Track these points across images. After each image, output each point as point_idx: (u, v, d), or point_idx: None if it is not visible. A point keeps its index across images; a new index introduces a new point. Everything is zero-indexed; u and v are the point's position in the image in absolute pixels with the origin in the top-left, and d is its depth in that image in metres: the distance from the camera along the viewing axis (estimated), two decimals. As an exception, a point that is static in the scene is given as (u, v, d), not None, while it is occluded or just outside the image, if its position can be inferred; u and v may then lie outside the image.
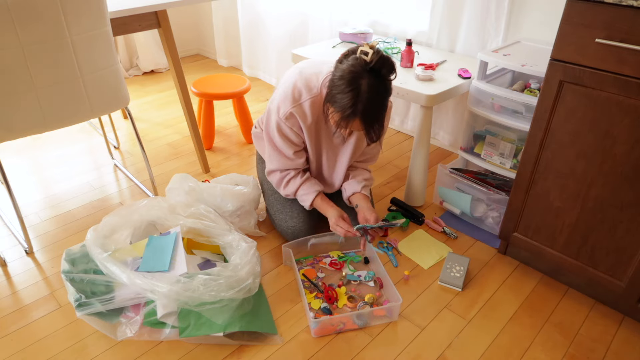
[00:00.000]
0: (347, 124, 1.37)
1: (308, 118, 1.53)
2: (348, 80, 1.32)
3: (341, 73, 1.34)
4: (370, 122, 1.36)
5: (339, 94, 1.34)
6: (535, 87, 1.77)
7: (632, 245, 1.36)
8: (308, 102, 1.51)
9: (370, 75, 1.32)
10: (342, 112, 1.35)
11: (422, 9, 2.41)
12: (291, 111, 1.52)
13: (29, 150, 2.48)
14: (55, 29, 1.48)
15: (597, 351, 1.42)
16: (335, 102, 1.36)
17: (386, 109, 1.40)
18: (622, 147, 1.28)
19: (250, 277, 1.46)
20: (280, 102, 1.54)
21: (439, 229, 1.91)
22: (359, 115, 1.34)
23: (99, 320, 1.43)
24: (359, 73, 1.32)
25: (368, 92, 1.31)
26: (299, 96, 1.51)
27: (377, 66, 1.32)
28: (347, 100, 1.32)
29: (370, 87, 1.31)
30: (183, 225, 1.63)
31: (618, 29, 1.18)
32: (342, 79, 1.34)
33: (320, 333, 1.45)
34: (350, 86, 1.32)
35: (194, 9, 3.87)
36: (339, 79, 1.35)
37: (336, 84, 1.35)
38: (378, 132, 1.41)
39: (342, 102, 1.34)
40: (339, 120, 1.37)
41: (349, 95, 1.32)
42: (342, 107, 1.34)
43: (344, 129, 1.40)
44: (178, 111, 2.95)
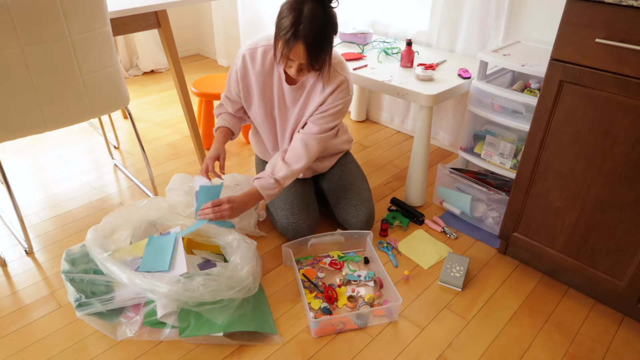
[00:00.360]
0: (290, 49, 1.39)
1: (257, 63, 1.59)
2: (290, 4, 1.38)
3: (286, 1, 1.40)
4: (313, 47, 1.38)
5: (281, 20, 1.40)
6: (535, 87, 1.77)
7: (632, 245, 1.36)
8: (262, 49, 1.59)
9: (313, 1, 1.37)
10: (285, 35, 1.38)
11: (422, 9, 2.41)
12: (244, 53, 1.61)
13: (29, 150, 2.48)
14: (55, 29, 1.48)
15: (597, 351, 1.42)
16: (279, 29, 1.41)
17: (329, 39, 1.43)
18: (622, 147, 1.28)
19: (250, 277, 1.46)
20: (243, 47, 1.63)
21: (439, 229, 1.91)
22: (300, 38, 1.37)
23: (99, 320, 1.43)
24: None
25: (309, 16, 1.36)
26: (256, 43, 1.61)
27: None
28: (289, 22, 1.37)
29: (311, 10, 1.36)
30: (183, 226, 1.63)
31: (618, 29, 1.18)
32: (286, 4, 1.40)
33: (320, 333, 1.45)
34: (292, 11, 1.37)
35: (194, 9, 3.87)
36: (283, 5, 1.40)
37: (281, 11, 1.41)
38: (321, 63, 1.44)
39: (284, 25, 1.38)
40: (282, 47, 1.41)
41: (291, 17, 1.36)
42: (285, 30, 1.38)
43: (287, 59, 1.43)
44: (178, 111, 2.95)
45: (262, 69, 1.60)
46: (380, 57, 2.20)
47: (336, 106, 1.58)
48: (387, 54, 2.23)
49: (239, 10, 3.30)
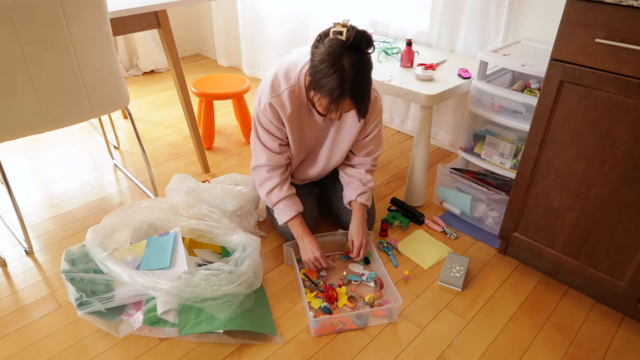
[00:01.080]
0: (338, 105, 1.36)
1: (287, 108, 1.52)
2: (329, 62, 1.31)
3: (320, 57, 1.33)
4: (360, 98, 1.36)
5: (323, 78, 1.33)
6: (535, 87, 1.77)
7: (632, 245, 1.36)
8: (287, 92, 1.50)
9: (350, 52, 1.31)
10: (331, 94, 1.34)
11: (422, 9, 2.41)
12: (270, 102, 1.51)
13: (29, 150, 2.48)
14: (55, 29, 1.48)
15: (597, 351, 1.42)
16: (322, 87, 1.35)
17: (371, 82, 1.40)
18: (622, 147, 1.28)
19: (251, 271, 1.46)
20: (261, 94, 1.54)
21: (439, 229, 1.90)
22: (348, 95, 1.34)
23: (99, 319, 1.43)
24: (338, 53, 1.31)
25: (352, 70, 1.31)
26: (278, 87, 1.51)
27: (355, 42, 1.31)
28: (334, 82, 1.32)
29: (353, 64, 1.31)
30: (186, 227, 1.64)
31: (618, 29, 1.18)
32: (323, 63, 1.32)
33: (320, 332, 1.45)
34: (333, 67, 1.31)
35: (194, 9, 3.87)
36: (319, 62, 1.34)
37: (318, 69, 1.34)
38: (367, 106, 1.41)
39: (328, 85, 1.33)
40: (329, 104, 1.37)
41: (334, 76, 1.31)
42: (330, 90, 1.33)
43: (335, 112, 1.40)
44: (178, 111, 2.95)
45: (293, 109, 1.53)
46: (380, 57, 2.20)
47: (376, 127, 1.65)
48: (387, 54, 2.22)
49: (239, 10, 3.30)
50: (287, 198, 1.64)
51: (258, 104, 1.55)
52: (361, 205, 1.68)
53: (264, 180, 1.64)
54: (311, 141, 1.67)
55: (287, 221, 1.64)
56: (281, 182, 1.63)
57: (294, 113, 1.54)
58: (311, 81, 1.39)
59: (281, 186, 1.63)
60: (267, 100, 1.51)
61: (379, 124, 1.66)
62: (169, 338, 1.43)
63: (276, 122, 1.54)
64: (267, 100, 1.51)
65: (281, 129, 1.57)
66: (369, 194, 1.71)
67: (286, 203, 1.64)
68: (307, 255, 1.60)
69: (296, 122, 1.57)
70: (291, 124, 1.56)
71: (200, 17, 3.87)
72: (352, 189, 1.70)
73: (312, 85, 1.40)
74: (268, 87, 1.51)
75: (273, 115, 1.53)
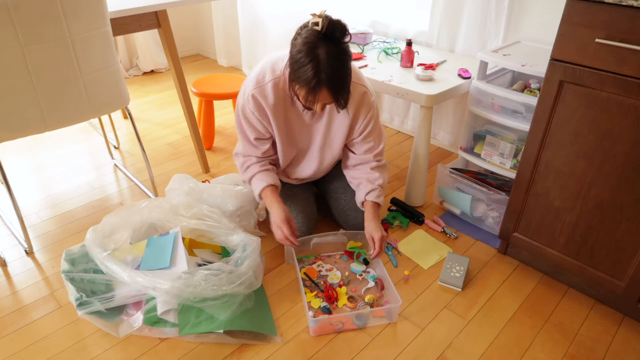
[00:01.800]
0: (315, 96, 1.36)
1: (270, 99, 1.52)
2: (305, 52, 1.32)
3: (298, 48, 1.34)
4: (337, 88, 1.36)
5: (300, 69, 1.34)
6: (535, 87, 1.77)
7: (632, 245, 1.36)
8: (271, 84, 1.51)
9: (325, 42, 1.31)
10: (308, 84, 1.34)
11: (422, 9, 2.41)
12: (252, 93, 1.52)
13: (29, 150, 2.48)
14: (55, 29, 1.48)
15: (597, 351, 1.42)
16: (299, 78, 1.35)
17: (350, 72, 1.39)
18: (622, 147, 1.28)
19: (251, 271, 1.46)
20: (246, 86, 1.55)
21: (439, 229, 1.91)
22: (324, 84, 1.33)
23: (99, 319, 1.44)
24: (313, 43, 1.31)
25: (327, 59, 1.31)
26: (262, 78, 1.52)
27: (329, 32, 1.31)
28: (310, 71, 1.32)
29: (328, 53, 1.31)
30: (186, 227, 1.64)
31: (618, 29, 1.18)
32: (299, 53, 1.34)
33: (319, 332, 1.45)
34: (308, 57, 1.31)
35: (194, 9, 3.87)
36: (297, 53, 1.35)
37: (296, 59, 1.35)
38: (346, 97, 1.39)
39: (305, 75, 1.33)
40: (307, 94, 1.36)
41: (310, 66, 1.31)
42: (307, 80, 1.33)
43: (313, 103, 1.39)
44: (178, 111, 2.95)
45: (277, 101, 1.54)
46: (380, 57, 2.20)
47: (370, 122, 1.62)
48: (387, 54, 2.23)
49: (239, 10, 3.30)
50: (262, 172, 1.65)
51: (242, 95, 1.57)
52: (372, 203, 1.65)
53: (242, 164, 1.69)
54: (301, 138, 1.67)
55: (261, 192, 1.64)
56: (258, 161, 1.66)
57: (278, 105, 1.55)
58: (290, 72, 1.40)
59: (257, 163, 1.66)
60: (250, 91, 1.53)
61: (372, 118, 1.62)
62: (169, 338, 1.43)
63: (258, 114, 1.56)
64: (250, 91, 1.53)
65: (262, 122, 1.58)
66: (378, 191, 1.67)
67: (259, 176, 1.65)
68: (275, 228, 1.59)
69: (281, 115, 1.58)
70: (276, 116, 1.56)
71: (200, 17, 3.87)
72: (361, 190, 1.68)
73: (291, 77, 1.41)
74: (254, 79, 1.53)
75: (255, 107, 1.54)
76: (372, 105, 1.61)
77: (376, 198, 1.65)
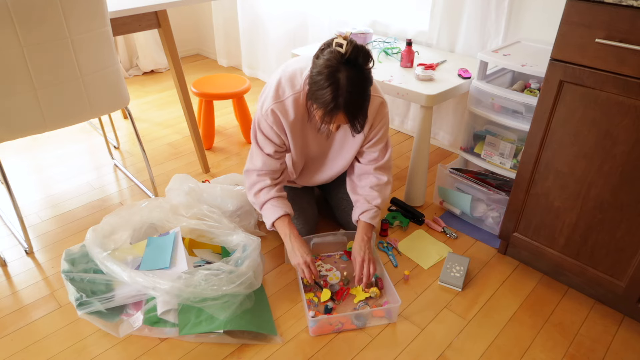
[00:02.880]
0: (332, 118, 1.36)
1: (290, 115, 1.51)
2: (326, 75, 1.31)
3: (319, 69, 1.33)
4: (354, 113, 1.35)
5: (318, 90, 1.33)
6: (535, 87, 1.77)
7: (632, 245, 1.36)
8: (291, 99, 1.49)
9: (347, 67, 1.30)
10: (325, 107, 1.34)
11: (422, 9, 2.41)
12: (272, 108, 1.49)
13: (29, 150, 2.48)
14: (55, 29, 1.48)
15: (597, 351, 1.42)
16: (317, 99, 1.35)
17: (368, 98, 1.38)
18: (622, 147, 1.28)
19: (251, 271, 1.46)
20: (264, 99, 1.53)
21: (439, 229, 1.90)
22: (341, 109, 1.33)
23: (99, 319, 1.44)
24: (335, 67, 1.30)
25: (347, 85, 1.30)
26: (282, 93, 1.50)
27: (352, 57, 1.30)
28: (328, 95, 1.31)
29: (348, 79, 1.30)
30: (186, 227, 1.64)
31: (618, 29, 1.18)
32: (320, 75, 1.32)
33: (318, 332, 1.45)
34: (328, 81, 1.31)
35: (194, 9, 3.87)
36: (317, 74, 1.34)
37: (315, 80, 1.34)
38: (362, 122, 1.39)
39: (323, 98, 1.33)
40: (323, 115, 1.36)
41: (329, 90, 1.31)
42: (324, 103, 1.33)
43: (329, 124, 1.39)
44: (178, 111, 2.95)
45: (296, 117, 1.52)
46: (380, 57, 2.20)
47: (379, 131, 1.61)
48: (387, 54, 2.23)
49: (239, 11, 3.30)
50: (275, 199, 1.59)
51: (260, 109, 1.54)
52: (365, 223, 1.61)
53: (254, 183, 1.61)
54: (314, 150, 1.66)
55: (275, 220, 1.58)
56: (271, 185, 1.61)
57: (297, 120, 1.53)
58: (309, 91, 1.39)
59: (271, 188, 1.60)
60: (269, 106, 1.49)
61: (382, 127, 1.60)
62: (169, 338, 1.43)
63: (276, 129, 1.53)
64: (269, 106, 1.49)
65: (280, 136, 1.55)
66: (373, 211, 1.62)
67: (274, 203, 1.59)
68: (297, 260, 1.54)
69: (299, 130, 1.56)
70: (294, 131, 1.55)
71: (200, 18, 3.87)
72: (357, 207, 1.66)
73: (309, 96, 1.40)
74: (272, 93, 1.50)
75: (274, 122, 1.52)
76: (385, 115, 1.60)
77: (370, 219, 1.62)
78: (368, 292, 1.57)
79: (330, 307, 1.51)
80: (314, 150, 1.66)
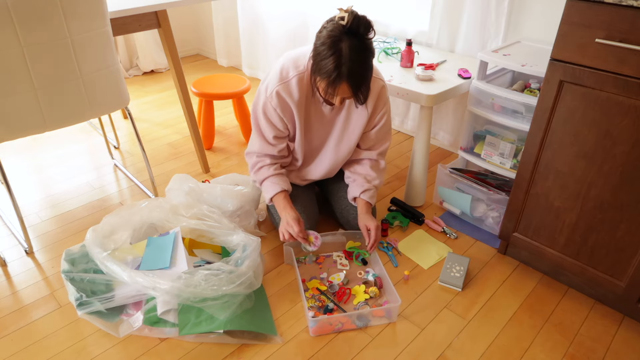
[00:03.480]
0: (335, 89, 1.38)
1: (295, 95, 1.53)
2: (328, 45, 1.34)
3: (322, 40, 1.36)
4: (357, 83, 1.37)
5: (322, 61, 1.36)
6: (535, 87, 1.77)
7: (632, 245, 1.36)
8: (295, 79, 1.51)
9: (349, 36, 1.33)
10: (328, 77, 1.36)
11: (422, 9, 2.41)
12: (277, 90, 1.52)
13: (29, 150, 2.48)
14: (56, 29, 1.48)
15: (597, 351, 1.42)
16: (320, 70, 1.37)
17: (371, 68, 1.40)
18: (622, 147, 1.28)
19: (251, 271, 1.46)
20: (269, 82, 1.55)
21: (439, 229, 1.90)
22: (344, 78, 1.35)
23: (99, 319, 1.43)
24: (337, 37, 1.33)
25: (350, 53, 1.33)
26: (286, 74, 1.52)
27: (353, 26, 1.33)
28: (331, 64, 1.34)
29: (350, 48, 1.33)
30: (186, 227, 1.63)
31: (618, 29, 1.18)
32: (323, 45, 1.36)
33: (319, 332, 1.45)
34: (331, 50, 1.33)
35: (194, 9, 3.87)
36: (320, 45, 1.37)
37: (318, 52, 1.37)
38: (365, 94, 1.41)
39: (326, 68, 1.35)
40: (326, 87, 1.38)
41: (332, 59, 1.33)
42: (328, 73, 1.35)
43: (332, 96, 1.41)
44: (178, 111, 2.95)
45: (301, 96, 1.54)
46: (380, 57, 2.20)
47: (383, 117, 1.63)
48: (387, 54, 2.23)
49: (239, 11, 3.30)
50: (274, 176, 1.66)
51: (265, 91, 1.56)
52: (365, 202, 1.69)
53: (255, 163, 1.69)
54: (319, 132, 1.67)
55: (273, 196, 1.65)
56: (270, 164, 1.67)
57: (302, 100, 1.55)
58: (312, 65, 1.41)
59: (270, 166, 1.67)
60: (274, 87, 1.52)
61: (386, 113, 1.63)
62: (169, 338, 1.43)
63: (280, 111, 1.55)
64: (274, 87, 1.52)
65: (283, 119, 1.58)
66: (373, 191, 1.69)
67: (272, 180, 1.65)
68: (285, 227, 1.59)
69: (304, 110, 1.58)
70: (300, 111, 1.57)
71: (200, 18, 3.87)
72: (356, 185, 1.69)
73: (313, 69, 1.42)
74: (277, 75, 1.53)
75: (279, 103, 1.54)
76: (387, 100, 1.63)
77: (370, 198, 1.68)
78: (368, 292, 1.57)
79: (331, 307, 1.51)
80: (318, 134, 1.68)
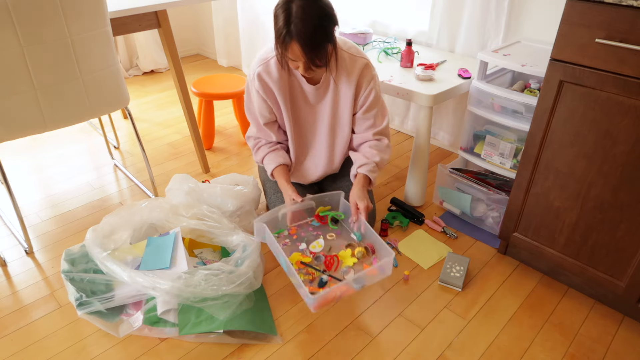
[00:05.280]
0: (286, 49, 1.39)
1: (273, 74, 1.56)
2: (280, 6, 1.38)
3: (278, 5, 1.40)
4: (308, 44, 1.37)
5: (276, 25, 1.40)
6: (535, 87, 1.77)
7: (632, 245, 1.36)
8: (274, 59, 1.56)
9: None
10: (279, 37, 1.39)
11: (422, 9, 2.41)
12: (258, 71, 1.57)
13: (29, 150, 2.48)
14: (56, 29, 1.48)
15: (597, 351, 1.42)
16: (275, 33, 1.41)
17: (323, 30, 1.39)
18: (622, 147, 1.28)
19: (251, 271, 1.46)
20: (252, 68, 1.60)
21: (439, 229, 1.91)
22: (294, 37, 1.36)
23: (99, 319, 1.44)
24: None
25: (299, 12, 1.35)
26: (266, 56, 1.57)
27: None
28: (281, 23, 1.37)
29: (301, 7, 1.35)
30: (186, 227, 1.63)
31: (618, 29, 1.18)
32: (277, 9, 1.40)
33: (320, 306, 1.40)
34: (282, 9, 1.37)
35: (194, 9, 3.87)
36: (275, 10, 1.41)
37: (275, 16, 1.41)
38: (321, 58, 1.41)
39: (277, 27, 1.39)
40: (280, 49, 1.41)
41: (282, 18, 1.37)
42: (278, 32, 1.38)
43: (290, 60, 1.43)
44: (178, 111, 2.95)
45: (281, 77, 1.58)
46: (380, 57, 2.20)
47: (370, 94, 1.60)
48: (387, 54, 2.23)
49: (239, 11, 3.30)
50: (271, 152, 1.72)
51: (249, 77, 1.63)
52: (363, 175, 1.62)
53: (253, 146, 1.77)
54: (307, 119, 1.69)
55: (272, 172, 1.71)
56: (267, 142, 1.73)
57: (284, 79, 1.59)
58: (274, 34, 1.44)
59: (267, 144, 1.74)
60: (254, 70, 1.58)
61: (373, 89, 1.59)
62: (169, 338, 1.43)
63: (263, 93, 1.60)
64: (254, 70, 1.58)
65: (267, 102, 1.62)
66: (372, 165, 1.63)
67: (270, 157, 1.72)
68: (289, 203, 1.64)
69: (287, 93, 1.61)
70: (282, 92, 1.60)
71: (200, 18, 3.87)
72: (355, 163, 1.68)
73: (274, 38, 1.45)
74: (258, 59, 1.59)
75: (260, 85, 1.58)
76: (373, 76, 1.61)
77: (368, 172, 1.62)
78: (355, 255, 1.55)
79: (325, 280, 1.49)
80: (307, 121, 1.69)
